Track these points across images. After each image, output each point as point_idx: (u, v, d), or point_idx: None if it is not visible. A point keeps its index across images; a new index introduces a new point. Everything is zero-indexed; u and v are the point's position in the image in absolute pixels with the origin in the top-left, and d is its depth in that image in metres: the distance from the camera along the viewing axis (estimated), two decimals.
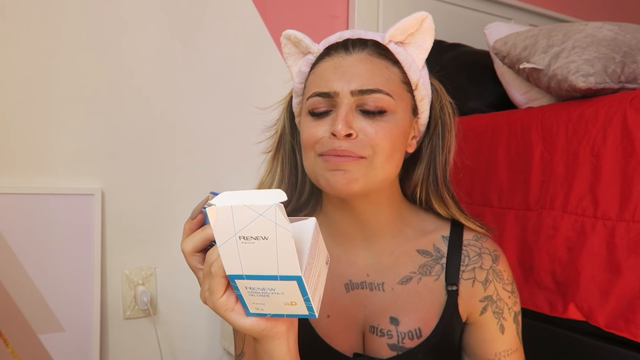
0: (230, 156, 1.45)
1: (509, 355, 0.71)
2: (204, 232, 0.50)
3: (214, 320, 1.46)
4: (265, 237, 0.43)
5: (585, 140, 0.92)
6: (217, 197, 0.44)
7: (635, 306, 0.81)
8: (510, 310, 0.72)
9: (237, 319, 0.50)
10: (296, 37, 0.69)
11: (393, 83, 0.65)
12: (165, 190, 1.37)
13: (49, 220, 1.20)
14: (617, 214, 0.86)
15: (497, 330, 0.71)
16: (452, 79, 1.54)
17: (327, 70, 0.65)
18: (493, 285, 0.71)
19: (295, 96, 0.73)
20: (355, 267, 0.72)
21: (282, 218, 0.42)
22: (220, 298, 0.49)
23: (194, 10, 1.40)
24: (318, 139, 0.64)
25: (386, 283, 0.70)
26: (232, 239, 0.44)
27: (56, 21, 1.23)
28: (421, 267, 0.71)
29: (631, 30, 1.06)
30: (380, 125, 0.62)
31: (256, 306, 0.48)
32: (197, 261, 0.52)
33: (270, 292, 0.46)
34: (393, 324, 0.68)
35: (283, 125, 0.76)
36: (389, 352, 0.67)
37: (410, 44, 0.67)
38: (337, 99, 0.63)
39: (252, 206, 0.42)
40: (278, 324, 0.51)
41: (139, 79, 1.33)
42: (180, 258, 1.53)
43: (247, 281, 0.46)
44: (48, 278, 1.20)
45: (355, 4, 1.59)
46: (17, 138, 1.20)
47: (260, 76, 1.48)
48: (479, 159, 1.16)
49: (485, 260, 0.72)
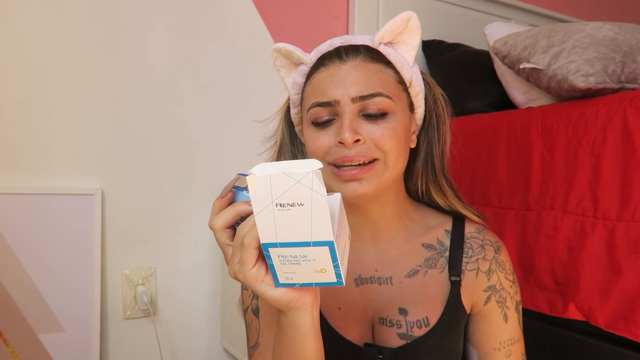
0: (231, 156, 1.45)
1: (512, 345, 0.73)
2: (235, 208, 0.52)
3: (214, 320, 1.46)
4: (301, 203, 0.45)
5: (585, 140, 0.92)
6: (254, 168, 0.46)
7: (635, 306, 0.81)
8: (512, 299, 0.75)
9: (266, 290, 0.51)
10: (287, 49, 0.70)
11: (389, 84, 0.67)
12: (165, 190, 1.37)
13: (49, 220, 1.20)
14: (617, 214, 0.86)
15: (502, 320, 0.73)
16: (452, 79, 1.56)
17: (324, 80, 0.66)
18: (496, 275, 0.74)
19: (293, 107, 0.74)
20: (363, 263, 0.74)
21: (319, 184, 0.44)
22: (251, 269, 0.50)
23: (194, 10, 1.40)
24: (326, 148, 0.66)
25: (394, 277, 0.73)
26: (269, 206, 0.46)
27: (56, 21, 1.23)
28: (427, 261, 0.74)
29: (631, 30, 1.06)
30: (385, 127, 0.64)
31: (286, 276, 0.50)
32: (226, 237, 0.54)
33: (302, 260, 0.49)
34: (402, 314, 0.71)
35: (282, 135, 0.78)
36: (398, 341, 0.70)
37: (399, 43, 0.69)
38: (339, 107, 0.65)
39: (290, 173, 0.44)
40: (304, 295, 0.53)
41: (139, 79, 1.33)
42: (180, 258, 1.54)
43: (280, 249, 0.48)
44: (48, 278, 1.20)
45: (355, 4, 1.59)
46: (17, 138, 1.20)
47: (261, 76, 1.48)
48: (479, 159, 1.16)
49: (488, 251, 0.75)
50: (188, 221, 1.41)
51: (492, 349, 0.73)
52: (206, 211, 1.42)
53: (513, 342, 0.73)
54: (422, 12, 1.70)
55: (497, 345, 0.73)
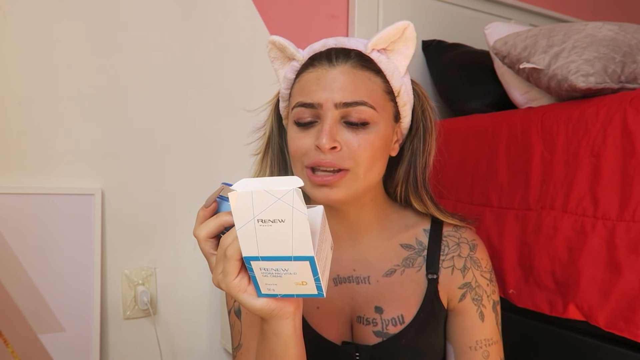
0: (231, 156, 1.45)
1: (489, 346, 0.73)
2: (219, 219, 0.53)
3: (214, 320, 1.46)
4: (282, 219, 0.46)
5: (585, 140, 0.92)
6: (237, 183, 0.47)
7: (635, 306, 0.81)
8: (489, 298, 0.75)
9: (249, 300, 0.52)
10: (281, 43, 0.71)
11: (375, 94, 0.67)
12: (165, 190, 1.37)
13: (49, 220, 1.20)
14: (617, 214, 0.86)
15: (477, 318, 0.73)
16: (452, 79, 1.56)
17: (311, 82, 0.67)
18: (471, 273, 0.75)
19: (282, 101, 0.75)
20: (342, 263, 0.75)
21: (299, 202, 0.45)
22: (234, 280, 0.51)
23: (193, 10, 1.40)
24: (305, 150, 0.66)
25: (372, 276, 0.74)
26: (251, 222, 0.47)
27: (56, 21, 1.23)
28: (404, 260, 0.75)
29: (631, 30, 1.06)
30: (363, 137, 0.65)
31: (268, 287, 0.51)
32: (210, 246, 0.55)
33: (283, 273, 0.50)
34: (377, 313, 0.72)
35: (271, 127, 0.79)
36: (374, 338, 0.71)
37: (393, 51, 0.69)
38: (321, 110, 0.65)
39: (271, 191, 0.45)
40: (287, 305, 0.54)
41: (139, 79, 1.33)
42: (180, 258, 1.53)
43: (262, 262, 0.49)
44: (48, 278, 1.20)
45: (355, 4, 1.59)
46: (17, 138, 1.20)
47: (261, 76, 1.48)
48: (479, 159, 1.16)
49: (463, 249, 0.76)
50: (188, 221, 1.41)
51: (468, 347, 0.73)
52: None
53: (491, 344, 0.73)
54: (422, 12, 1.71)
55: (473, 344, 0.73)
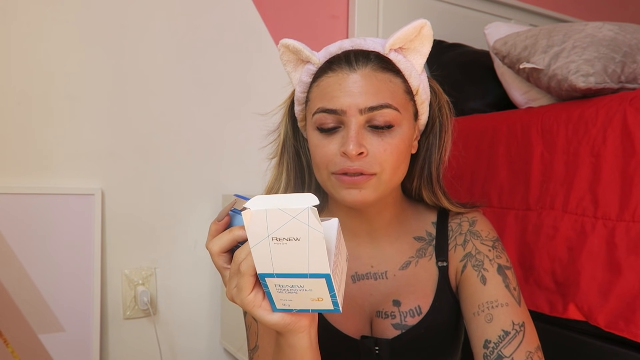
0: (231, 156, 1.45)
1: (492, 309, 0.67)
2: (232, 234, 0.52)
3: (214, 320, 1.46)
4: (297, 238, 0.45)
5: (585, 140, 0.92)
6: (250, 201, 0.46)
7: (635, 306, 0.81)
8: (493, 261, 0.72)
9: (264, 315, 0.52)
10: (295, 47, 0.69)
11: (397, 95, 0.66)
12: (165, 190, 1.37)
13: (49, 220, 1.20)
14: (617, 214, 0.86)
15: (478, 282, 0.71)
16: (452, 79, 1.56)
17: (332, 86, 0.65)
18: (471, 243, 0.75)
19: (298, 104, 0.74)
20: (360, 261, 0.76)
21: (315, 220, 0.44)
22: (248, 295, 0.51)
23: (194, 10, 1.40)
24: (330, 158, 0.66)
25: (389, 271, 0.75)
26: (265, 240, 0.46)
27: (56, 21, 1.23)
28: (417, 251, 0.76)
29: (631, 30, 1.06)
30: (388, 142, 0.65)
31: (283, 302, 0.51)
32: (223, 261, 0.54)
33: (298, 289, 0.49)
34: (395, 306, 0.72)
35: (285, 130, 0.77)
36: (393, 331, 0.71)
37: (409, 50, 0.68)
38: (345, 117, 0.64)
39: (285, 209, 0.44)
40: (302, 319, 0.53)
41: (139, 79, 1.33)
42: (180, 258, 1.54)
43: (277, 279, 0.48)
44: (48, 278, 1.20)
45: (355, 4, 1.59)
46: (17, 138, 1.20)
47: (261, 76, 1.48)
48: (479, 159, 1.16)
49: (463, 226, 0.77)
50: (188, 221, 1.41)
51: (471, 314, 0.69)
52: (206, 211, 1.42)
53: (495, 306, 0.67)
54: (422, 12, 1.71)
55: (475, 310, 0.68)
